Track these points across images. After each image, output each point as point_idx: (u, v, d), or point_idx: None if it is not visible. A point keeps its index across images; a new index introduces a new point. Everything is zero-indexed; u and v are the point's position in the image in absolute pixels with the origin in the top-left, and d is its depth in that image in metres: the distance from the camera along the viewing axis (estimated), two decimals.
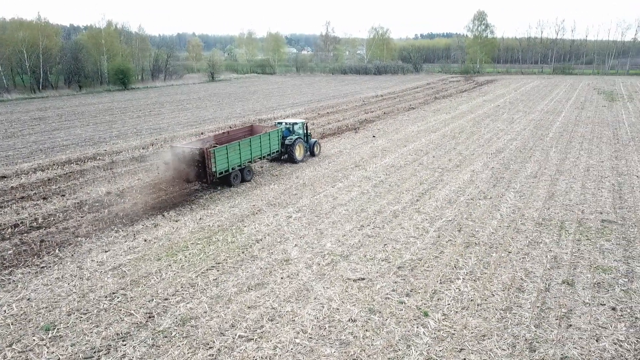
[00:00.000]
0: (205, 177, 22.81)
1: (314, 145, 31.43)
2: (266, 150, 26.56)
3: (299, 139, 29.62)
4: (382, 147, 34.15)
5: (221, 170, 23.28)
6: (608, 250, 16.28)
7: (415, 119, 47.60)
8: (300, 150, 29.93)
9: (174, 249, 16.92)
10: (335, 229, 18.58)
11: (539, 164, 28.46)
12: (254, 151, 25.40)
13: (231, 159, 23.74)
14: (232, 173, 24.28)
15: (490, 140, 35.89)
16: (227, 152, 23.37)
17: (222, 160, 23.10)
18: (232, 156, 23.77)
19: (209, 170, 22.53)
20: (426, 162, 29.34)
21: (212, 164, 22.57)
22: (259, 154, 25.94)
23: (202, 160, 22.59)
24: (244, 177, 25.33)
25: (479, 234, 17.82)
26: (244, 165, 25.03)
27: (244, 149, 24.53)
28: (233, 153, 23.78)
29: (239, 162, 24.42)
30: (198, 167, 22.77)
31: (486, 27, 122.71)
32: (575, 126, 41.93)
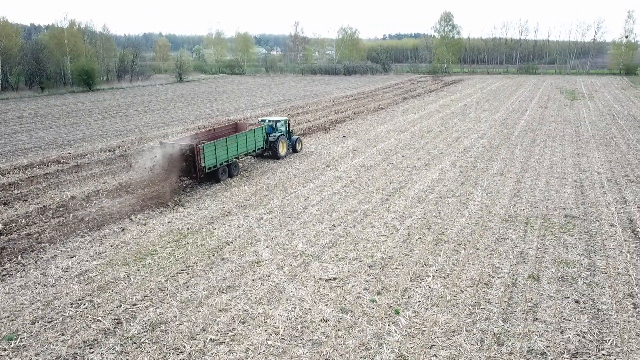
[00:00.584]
0: (195, 172, 23.70)
1: (296, 142, 32.48)
2: (251, 147, 27.74)
3: (282, 136, 30.72)
4: (353, 147, 34.34)
5: (210, 166, 24.18)
6: (571, 245, 16.79)
7: (385, 118, 48.04)
8: (284, 147, 30.99)
9: (143, 253, 16.61)
10: (307, 229, 18.58)
11: (505, 161, 29.12)
12: (240, 147, 26.53)
13: (219, 155, 24.68)
14: (220, 168, 25.19)
15: (458, 139, 36.53)
16: (215, 148, 24.34)
17: (210, 156, 24.03)
18: (220, 152, 24.72)
19: (198, 165, 23.40)
20: (396, 161, 29.65)
21: (202, 160, 23.45)
22: (245, 150, 27.09)
23: (191, 156, 23.42)
24: (231, 172, 26.28)
25: (447, 232, 18.11)
26: (231, 161, 26.03)
27: (231, 145, 25.62)
28: (221, 149, 24.77)
29: (226, 158, 25.43)
30: (187, 162, 23.64)
31: (453, 27, 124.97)
32: (539, 124, 43.07)
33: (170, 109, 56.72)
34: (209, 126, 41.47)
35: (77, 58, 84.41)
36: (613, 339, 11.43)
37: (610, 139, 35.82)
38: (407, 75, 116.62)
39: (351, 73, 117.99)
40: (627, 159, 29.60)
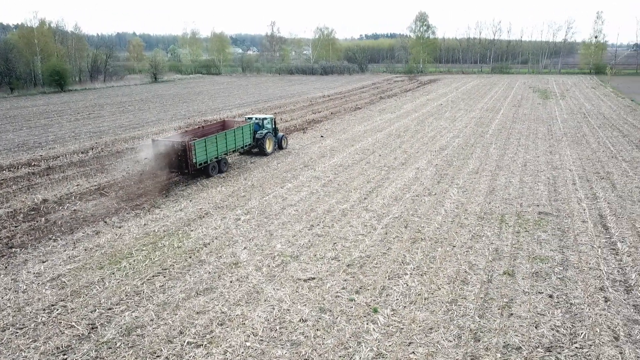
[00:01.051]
0: (187, 168, 24.44)
1: (282, 139, 33.54)
2: (240, 143, 28.62)
3: (268, 133, 31.60)
4: (331, 146, 34.38)
5: (201, 162, 25.00)
6: (545, 241, 17.12)
7: (362, 118, 48.25)
8: (270, 144, 31.85)
9: (118, 257, 16.32)
10: (285, 229, 18.53)
11: (480, 160, 29.55)
12: (229, 144, 27.41)
13: (209, 151, 25.50)
14: (210, 164, 26.00)
15: (434, 138, 36.92)
16: (206, 144, 25.18)
17: (201, 152, 24.84)
18: (210, 148, 25.57)
19: (190, 161, 24.15)
20: (373, 161, 29.80)
21: (193, 156, 24.20)
22: (234, 146, 27.97)
23: (183, 153, 24.15)
24: (221, 168, 27.13)
25: (424, 230, 18.28)
26: (221, 157, 26.88)
27: (221, 142, 26.49)
28: (211, 145, 25.62)
29: (216, 154, 26.28)
30: (179, 158, 24.35)
31: (428, 28, 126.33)
32: (513, 123, 43.84)
33: (145, 110, 55.91)
34: (198, 124, 41.76)
35: (48, 58, 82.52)
36: (585, 332, 11.69)
37: (582, 137, 36.67)
38: (384, 75, 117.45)
39: (328, 73, 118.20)
40: (597, 156, 30.34)
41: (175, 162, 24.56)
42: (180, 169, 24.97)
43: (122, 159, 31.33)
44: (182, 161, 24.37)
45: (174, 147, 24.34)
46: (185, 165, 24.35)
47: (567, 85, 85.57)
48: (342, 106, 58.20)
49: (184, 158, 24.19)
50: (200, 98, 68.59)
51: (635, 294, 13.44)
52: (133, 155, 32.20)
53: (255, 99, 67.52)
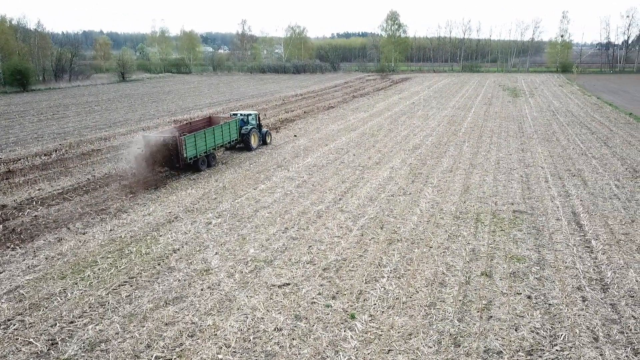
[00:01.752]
0: (178, 162, 25.13)
1: (266, 135, 34.37)
2: (227, 139, 29.45)
3: (253, 129, 32.56)
4: (304, 146, 33.89)
5: (191, 156, 25.70)
6: (520, 240, 17.04)
7: (335, 117, 47.91)
8: (255, 139, 32.80)
9: (81, 265, 15.48)
10: (258, 233, 17.96)
11: (454, 158, 29.52)
12: (217, 139, 28.19)
13: (199, 146, 26.26)
14: (200, 159, 26.71)
15: (407, 137, 36.83)
16: (196, 139, 25.93)
17: (191, 147, 25.52)
18: (200, 143, 26.32)
19: (181, 156, 24.85)
20: (347, 160, 29.45)
21: (184, 150, 24.87)
22: (221, 141, 28.77)
23: (174, 147, 24.79)
24: (209, 162, 27.90)
25: (400, 230, 17.98)
26: (209, 152, 27.62)
27: (209, 137, 27.28)
28: (200, 140, 26.35)
29: (205, 149, 27.02)
30: (170, 153, 24.96)
31: (399, 26, 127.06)
32: (485, 121, 44.19)
33: (112, 110, 54.29)
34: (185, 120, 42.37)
35: (9, 57, 79.55)
36: (565, 333, 11.54)
37: (552, 135, 37.15)
38: (356, 74, 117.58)
39: (300, 72, 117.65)
40: (567, 153, 30.71)
41: (166, 157, 25.11)
42: (171, 164, 25.59)
43: (89, 160, 30.17)
44: (173, 156, 24.99)
45: (165, 142, 24.80)
46: (177, 159, 24.99)
47: (536, 83, 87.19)
48: (315, 105, 57.77)
49: (175, 153, 24.82)
50: (169, 97, 67.12)
51: (611, 292, 13.40)
52: (100, 157, 31.08)
53: (227, 98, 66.47)
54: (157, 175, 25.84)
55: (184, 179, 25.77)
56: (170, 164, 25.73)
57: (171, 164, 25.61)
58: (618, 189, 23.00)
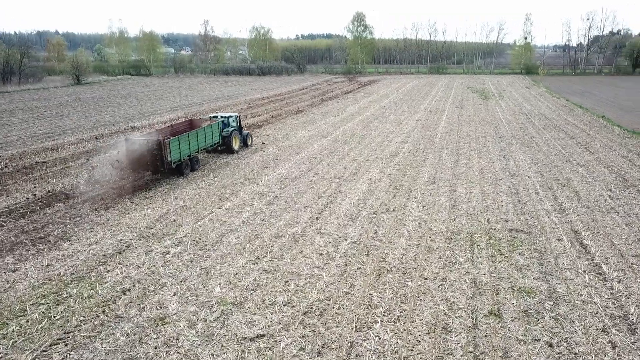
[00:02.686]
0: (162, 166, 24.38)
1: (247, 137, 33.88)
2: (210, 142, 28.89)
3: (234, 131, 32.03)
4: (274, 155, 31.39)
5: (175, 160, 24.99)
6: (525, 267, 15.08)
7: (305, 122, 45.55)
8: (236, 141, 32.21)
9: (5, 317, 12.57)
10: (225, 265, 15.40)
11: (434, 168, 27.63)
12: (200, 142, 27.60)
13: (182, 150, 25.58)
14: (184, 162, 26.08)
15: (383, 144, 34.82)
16: (180, 143, 25.22)
17: (175, 150, 24.85)
18: (184, 147, 25.66)
19: (165, 159, 24.17)
20: (321, 171, 27.12)
21: (168, 154, 24.21)
22: (204, 144, 28.18)
23: (158, 151, 24.05)
24: (193, 166, 27.32)
25: (389, 258, 15.77)
26: (192, 155, 26.94)
27: (193, 140, 26.63)
28: (184, 144, 25.66)
29: (189, 153, 26.35)
30: (154, 157, 24.19)
31: (365, 28, 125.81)
32: (460, 125, 42.72)
33: (63, 116, 50.28)
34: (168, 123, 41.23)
35: None
36: None
37: (530, 139, 35.86)
38: (323, 76, 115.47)
39: (266, 73, 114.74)
40: (551, 160, 29.29)
41: (150, 161, 24.35)
42: (154, 168, 24.84)
43: (31, 175, 26.81)
44: (156, 160, 24.28)
45: (148, 145, 24.15)
46: (161, 163, 24.32)
47: (503, 85, 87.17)
48: (283, 109, 55.26)
49: (159, 156, 24.14)
50: (127, 102, 63.24)
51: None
52: (44, 172, 27.76)
53: (189, 101, 63.13)
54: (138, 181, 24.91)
55: (140, 197, 22.90)
56: (154, 168, 24.86)
57: (154, 168, 24.77)
58: (613, 200, 21.50)
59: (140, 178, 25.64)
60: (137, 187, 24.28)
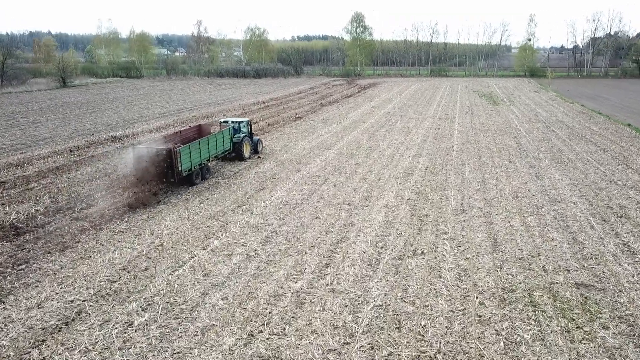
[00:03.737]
0: (173, 176, 23.11)
1: (257, 143, 32.04)
2: (221, 149, 27.50)
3: (245, 137, 30.44)
4: (271, 172, 27.28)
5: (186, 169, 23.75)
6: (617, 350, 11.02)
7: (305, 131, 41.45)
8: (247, 148, 30.64)
9: None
10: (206, 348, 11.26)
11: (460, 190, 23.58)
12: (211, 150, 26.25)
13: (194, 158, 24.30)
14: (195, 171, 24.76)
15: (394, 158, 30.77)
16: (190, 151, 23.92)
17: (186, 159, 23.60)
18: (194, 155, 24.35)
19: (176, 169, 22.91)
20: (327, 194, 23.02)
21: (179, 163, 22.98)
22: (215, 152, 26.80)
23: (168, 160, 22.89)
24: (204, 175, 25.99)
25: (428, 335, 11.68)
26: (203, 164, 25.59)
27: (204, 147, 25.32)
28: (195, 152, 24.36)
29: (200, 161, 25.05)
30: (164, 166, 22.99)
31: (364, 29, 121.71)
32: (475, 135, 38.74)
33: (40, 123, 45.94)
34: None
35: None
36: None
37: (559, 153, 31.89)
38: (321, 79, 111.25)
39: (261, 76, 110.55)
40: (592, 180, 25.32)
41: (159, 171, 23.01)
42: (164, 178, 23.42)
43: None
44: (166, 169, 23.07)
45: (157, 154, 22.97)
46: (171, 173, 23.09)
47: (509, 88, 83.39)
48: (280, 115, 51.14)
49: (169, 166, 22.96)
50: (112, 107, 58.91)
51: None
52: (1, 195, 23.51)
53: (179, 107, 58.87)
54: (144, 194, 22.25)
55: (108, 231, 18.70)
56: (164, 178, 23.38)
57: (164, 178, 23.35)
58: None
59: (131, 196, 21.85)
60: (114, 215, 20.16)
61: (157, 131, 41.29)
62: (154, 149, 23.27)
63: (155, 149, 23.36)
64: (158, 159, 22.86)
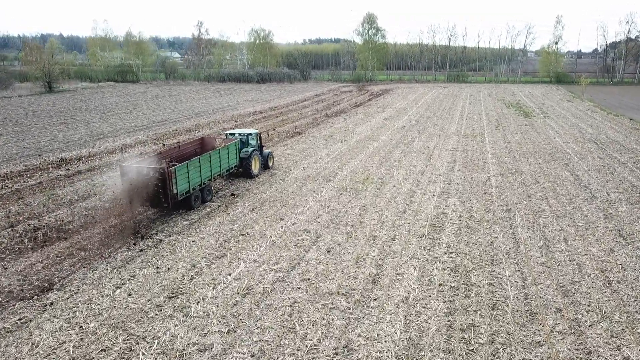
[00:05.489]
0: (166, 200, 19.57)
1: (268, 158, 28.71)
2: (225, 166, 24.11)
3: (254, 151, 27.09)
4: (241, 223, 19.54)
5: (182, 192, 20.19)
6: None
7: (301, 152, 33.63)
8: (257, 164, 27.29)
9: None
10: None
11: (517, 267, 15.55)
12: (214, 167, 22.84)
13: (192, 178, 20.78)
14: (193, 194, 21.23)
15: (413, 198, 22.84)
16: (189, 170, 20.43)
17: (183, 179, 20.16)
18: (193, 174, 20.86)
19: (169, 192, 19.40)
20: (314, 271, 15.14)
21: (173, 185, 19.49)
22: (219, 170, 23.39)
23: (161, 181, 19.33)
24: (204, 197, 22.31)
25: None
26: (205, 184, 22.10)
27: (205, 165, 21.88)
28: (194, 171, 20.90)
29: (200, 181, 21.56)
30: (156, 189, 19.37)
31: (377, 30, 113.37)
32: (515, 161, 30.63)
33: None
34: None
35: None
36: None
37: (635, 192, 23.67)
38: (329, 84, 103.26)
39: (265, 81, 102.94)
40: None
41: (151, 194, 19.53)
42: (157, 202, 20.00)
43: None
44: (159, 192, 19.50)
45: (148, 174, 19.45)
46: (164, 197, 19.58)
47: (537, 97, 74.84)
48: (276, 129, 43.36)
49: (163, 188, 19.42)
50: (88, 117, 51.53)
51: None
52: None
53: (162, 117, 51.35)
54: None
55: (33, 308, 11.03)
56: (157, 202, 19.99)
57: (157, 202, 19.91)
58: None
59: None
60: None
61: (121, 151, 33.77)
62: (144, 169, 19.71)
63: (146, 168, 19.77)
64: (148, 180, 19.31)
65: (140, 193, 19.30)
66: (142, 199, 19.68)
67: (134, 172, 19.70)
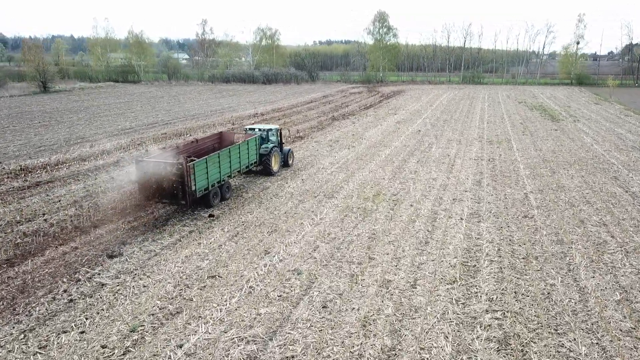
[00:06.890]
0: (184, 197, 18.52)
1: (288, 154, 27.63)
2: (245, 162, 22.87)
3: (274, 148, 25.88)
4: (214, 260, 15.00)
5: (201, 189, 19.16)
6: None
7: (302, 160, 29.12)
8: (277, 160, 26.15)
9: None
10: None
11: (596, 339, 10.88)
12: (234, 163, 21.66)
13: (211, 174, 19.80)
14: (212, 190, 20.19)
15: (436, 223, 18.19)
16: (207, 166, 19.43)
17: (202, 176, 19.14)
18: (212, 170, 19.89)
19: (188, 189, 18.33)
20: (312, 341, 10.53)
21: (192, 182, 18.48)
22: (238, 166, 22.19)
23: (179, 178, 18.32)
24: (223, 194, 21.19)
25: None
26: (223, 181, 20.98)
27: (224, 161, 20.82)
28: (213, 167, 19.91)
29: (219, 178, 20.51)
30: (174, 186, 18.45)
31: (388, 29, 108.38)
32: (552, 173, 25.86)
33: None
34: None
35: None
36: None
37: None
38: (338, 85, 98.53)
39: (271, 82, 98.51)
40: None
41: (168, 190, 18.40)
42: (174, 199, 18.77)
43: None
44: (177, 189, 18.27)
45: (166, 170, 18.36)
46: (182, 194, 18.28)
47: (561, 99, 69.66)
48: None
49: (180, 184, 18.19)
50: (74, 119, 47.37)
51: None
52: None
53: (153, 120, 47.06)
54: None
55: None
56: (174, 199, 18.65)
57: (175, 198, 18.55)
58: None
59: None
60: None
61: (95, 159, 29.49)
62: (161, 164, 18.91)
63: (163, 163, 18.97)
64: (166, 177, 18.46)
65: (157, 189, 18.61)
66: (159, 196, 18.94)
67: (151, 168, 18.83)
